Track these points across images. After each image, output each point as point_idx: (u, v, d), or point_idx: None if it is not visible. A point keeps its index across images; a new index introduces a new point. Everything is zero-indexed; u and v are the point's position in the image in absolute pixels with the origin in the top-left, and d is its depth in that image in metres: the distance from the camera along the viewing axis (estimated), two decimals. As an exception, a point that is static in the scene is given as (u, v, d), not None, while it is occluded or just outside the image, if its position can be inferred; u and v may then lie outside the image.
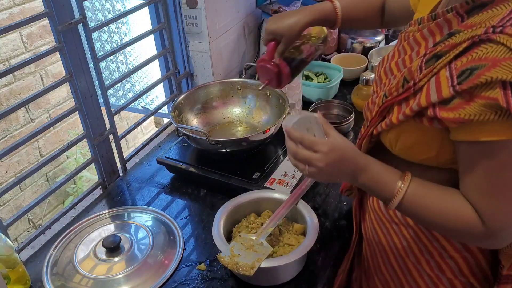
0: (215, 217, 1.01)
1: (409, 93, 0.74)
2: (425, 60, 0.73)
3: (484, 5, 0.70)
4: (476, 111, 0.63)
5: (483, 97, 0.63)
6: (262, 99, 1.42)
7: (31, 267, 1.06)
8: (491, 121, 0.63)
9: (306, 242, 0.94)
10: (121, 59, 1.67)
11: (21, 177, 1.07)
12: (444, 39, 0.71)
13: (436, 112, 0.68)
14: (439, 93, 0.67)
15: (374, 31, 1.92)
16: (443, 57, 0.70)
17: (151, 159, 1.41)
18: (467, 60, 0.66)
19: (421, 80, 0.72)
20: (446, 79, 0.67)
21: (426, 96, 0.70)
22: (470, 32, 0.67)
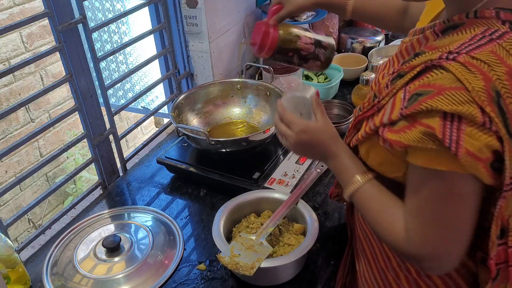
0: (215, 217, 1.01)
1: (374, 110, 0.75)
2: (392, 78, 0.73)
3: (455, 26, 0.69)
4: (415, 137, 0.63)
5: (423, 124, 0.63)
6: (262, 99, 1.42)
7: (31, 267, 1.06)
8: (429, 149, 0.63)
9: (306, 242, 0.94)
10: (121, 59, 1.67)
11: (21, 177, 1.07)
12: (410, 59, 0.71)
13: (384, 132, 0.69)
14: (390, 114, 0.68)
15: (374, 31, 1.93)
16: (402, 78, 0.70)
17: (151, 159, 1.41)
18: (418, 84, 0.65)
19: (383, 99, 0.73)
20: (400, 101, 0.67)
21: (381, 116, 0.71)
22: (428, 55, 0.67)
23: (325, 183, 1.25)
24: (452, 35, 0.69)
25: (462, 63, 0.62)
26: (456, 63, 0.62)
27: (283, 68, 1.42)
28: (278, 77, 1.43)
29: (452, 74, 0.62)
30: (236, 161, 1.26)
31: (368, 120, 0.77)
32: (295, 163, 1.24)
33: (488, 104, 0.60)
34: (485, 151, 0.60)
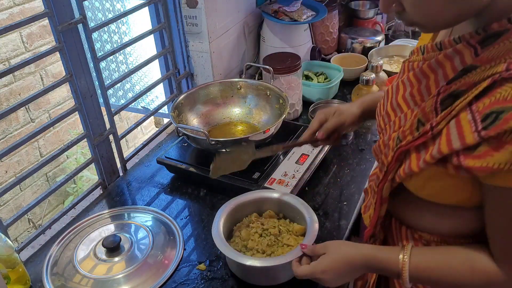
0: (215, 216, 1.01)
1: (427, 138, 0.68)
2: (439, 100, 0.67)
3: (498, 34, 0.64)
4: (506, 158, 0.58)
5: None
6: (262, 99, 1.42)
7: (31, 267, 1.06)
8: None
9: (305, 242, 0.94)
10: (121, 59, 1.67)
11: (21, 177, 1.07)
12: (459, 76, 0.66)
13: (461, 160, 0.63)
14: (462, 139, 0.62)
15: (374, 31, 1.93)
16: (461, 98, 0.64)
17: (151, 159, 1.41)
18: (490, 102, 0.60)
19: (439, 124, 0.66)
20: (469, 123, 0.62)
21: (447, 142, 0.64)
22: (489, 69, 0.62)
23: (325, 183, 1.25)
24: (503, 43, 0.63)
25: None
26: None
27: (283, 68, 1.42)
28: (278, 77, 1.43)
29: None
30: (236, 161, 1.26)
31: (419, 149, 0.70)
32: (295, 163, 1.24)
33: None
34: None
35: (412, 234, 0.82)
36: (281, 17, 1.61)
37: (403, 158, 0.74)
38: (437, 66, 0.72)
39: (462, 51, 0.68)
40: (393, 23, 2.07)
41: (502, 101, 0.59)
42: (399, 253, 0.76)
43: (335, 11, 1.84)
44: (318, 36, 1.85)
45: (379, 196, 0.81)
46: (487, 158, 0.60)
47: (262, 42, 1.72)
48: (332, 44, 1.89)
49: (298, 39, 1.68)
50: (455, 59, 0.69)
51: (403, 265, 0.75)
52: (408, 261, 0.75)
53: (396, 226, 0.86)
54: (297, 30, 1.67)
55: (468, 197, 0.69)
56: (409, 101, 0.76)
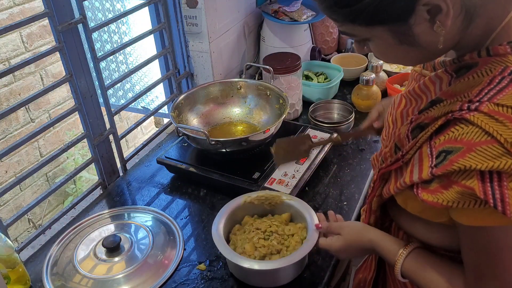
0: (216, 217, 1.01)
1: (400, 164, 0.72)
2: (411, 128, 0.70)
3: (469, 66, 0.65)
4: (454, 197, 0.60)
5: (460, 184, 0.59)
6: (262, 99, 1.42)
7: (31, 267, 1.06)
8: (471, 208, 0.59)
9: (306, 246, 0.93)
10: (121, 59, 1.67)
11: (21, 177, 1.07)
12: (427, 107, 0.68)
13: (419, 192, 0.65)
14: (420, 173, 0.65)
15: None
16: (424, 131, 0.66)
17: (151, 159, 1.41)
18: (444, 139, 0.62)
19: (408, 153, 0.70)
20: (428, 157, 0.64)
21: (410, 173, 0.68)
22: (448, 105, 0.63)
23: (325, 183, 1.25)
24: (467, 78, 0.64)
25: (487, 113, 0.58)
26: (480, 114, 0.58)
27: (283, 68, 1.42)
28: (278, 77, 1.43)
29: (478, 127, 0.58)
30: (236, 161, 1.26)
31: (397, 173, 0.74)
32: (295, 163, 1.24)
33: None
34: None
35: (408, 240, 0.83)
36: (281, 17, 1.61)
37: (387, 177, 0.78)
38: (425, 89, 0.75)
39: (442, 77, 0.71)
40: (393, 23, 2.07)
41: (453, 141, 0.60)
42: (401, 248, 0.78)
43: (335, 11, 1.83)
44: (318, 36, 1.85)
45: (369, 208, 0.87)
46: (438, 195, 0.62)
47: (262, 42, 1.72)
48: (332, 44, 1.89)
49: (298, 39, 1.68)
50: (437, 85, 0.72)
51: (398, 258, 0.78)
52: (404, 258, 0.77)
53: (395, 231, 0.88)
54: (297, 30, 1.67)
55: (447, 220, 0.69)
56: (404, 118, 0.78)
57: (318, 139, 1.31)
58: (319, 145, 1.08)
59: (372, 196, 0.84)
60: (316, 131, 1.35)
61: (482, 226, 0.61)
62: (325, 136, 1.33)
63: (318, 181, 1.25)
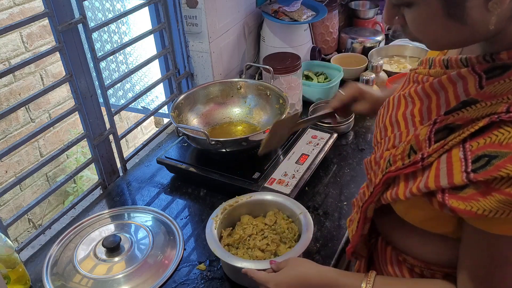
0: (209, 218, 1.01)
1: (417, 168, 0.65)
2: (435, 130, 0.64)
3: (507, 67, 0.59)
4: (492, 206, 0.55)
5: (503, 192, 0.54)
6: (262, 99, 1.42)
7: (31, 267, 1.06)
8: (505, 217, 0.55)
9: (297, 247, 0.93)
10: (121, 59, 1.67)
11: (21, 177, 1.07)
12: (458, 108, 0.62)
13: (446, 198, 0.59)
14: (450, 178, 0.59)
15: (374, 31, 1.93)
16: (456, 132, 0.60)
17: (151, 159, 1.41)
18: (485, 143, 0.57)
19: (430, 156, 0.63)
20: (460, 161, 0.58)
21: (435, 178, 0.61)
22: (489, 107, 0.58)
23: (325, 183, 1.25)
24: (508, 80, 0.58)
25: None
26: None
27: (283, 68, 1.42)
28: (278, 77, 1.43)
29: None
30: (236, 161, 1.26)
31: (408, 178, 0.67)
32: (295, 163, 1.24)
33: None
34: None
35: (397, 256, 0.79)
36: (281, 17, 1.61)
37: (391, 182, 0.71)
38: (439, 89, 0.68)
39: (467, 77, 0.64)
40: (393, 23, 2.06)
41: (497, 145, 0.55)
42: (362, 282, 0.74)
43: (335, 11, 1.84)
44: (318, 36, 1.85)
45: (363, 216, 0.78)
46: (472, 202, 0.57)
47: (262, 42, 1.72)
48: (332, 44, 1.89)
49: (298, 39, 1.68)
50: (458, 85, 0.65)
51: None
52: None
53: (382, 247, 0.83)
54: (297, 30, 1.67)
55: (452, 231, 0.67)
56: (408, 120, 0.73)
57: (318, 139, 1.31)
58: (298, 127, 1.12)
59: (369, 203, 0.76)
60: (316, 131, 1.35)
61: (506, 235, 0.58)
62: (325, 136, 1.33)
63: (318, 181, 1.25)
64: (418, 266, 0.76)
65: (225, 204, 1.05)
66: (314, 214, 1.15)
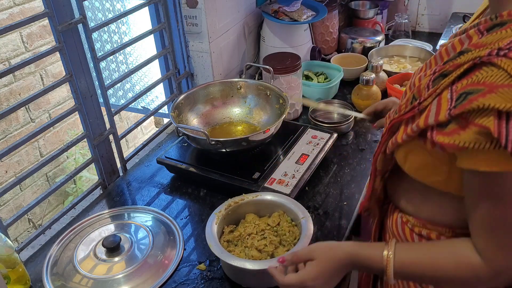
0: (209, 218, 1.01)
1: (414, 112, 0.71)
2: (433, 78, 0.70)
3: (503, 23, 0.65)
4: (470, 138, 0.60)
5: (476, 124, 0.60)
6: (262, 99, 1.42)
7: (31, 267, 1.06)
8: (487, 150, 0.60)
9: (297, 248, 0.93)
10: (121, 59, 1.67)
11: (21, 177, 1.07)
12: (453, 58, 0.68)
13: (433, 135, 0.65)
14: (437, 116, 0.65)
15: (374, 31, 1.93)
16: (447, 77, 0.67)
17: (151, 159, 1.41)
18: (467, 83, 0.63)
19: (425, 100, 0.69)
20: (447, 102, 0.64)
21: (425, 117, 0.67)
22: (476, 53, 0.64)
23: (325, 183, 1.25)
24: (500, 32, 0.65)
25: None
26: (508, 59, 0.59)
27: (283, 68, 1.42)
28: (278, 77, 1.43)
29: (504, 71, 0.59)
30: (236, 161, 1.26)
31: (408, 122, 0.73)
32: (295, 163, 1.24)
33: None
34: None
35: (401, 218, 0.85)
36: (281, 17, 1.61)
37: (395, 130, 0.77)
38: (451, 50, 0.75)
39: (472, 36, 0.70)
40: (393, 23, 2.07)
41: (476, 83, 0.61)
42: (383, 250, 0.76)
43: (335, 11, 1.84)
44: (318, 36, 1.85)
45: (373, 168, 0.85)
46: (455, 136, 0.62)
47: (262, 42, 1.72)
48: (332, 44, 1.89)
49: (298, 39, 1.68)
50: (465, 44, 0.71)
51: (387, 261, 0.75)
52: (393, 257, 0.75)
53: (391, 210, 0.89)
54: (297, 30, 1.67)
55: (445, 179, 0.71)
56: (422, 79, 0.78)
57: (318, 139, 1.31)
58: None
59: (378, 153, 0.82)
60: (316, 131, 1.35)
61: (497, 173, 0.62)
62: (325, 136, 1.33)
63: (318, 181, 1.25)
64: (417, 225, 0.82)
65: (230, 200, 1.06)
66: (314, 214, 1.15)
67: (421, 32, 2.16)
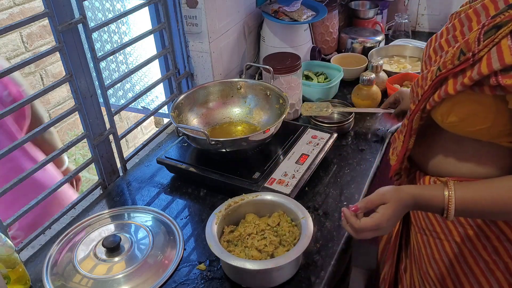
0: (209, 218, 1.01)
1: (467, 65, 0.74)
2: (483, 31, 0.72)
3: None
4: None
5: None
6: (262, 99, 1.42)
7: (31, 267, 1.06)
8: None
9: (291, 253, 0.92)
10: (121, 59, 1.67)
11: (21, 177, 1.07)
12: (503, 10, 0.71)
13: (499, 79, 0.69)
14: (502, 61, 0.68)
15: (374, 31, 1.93)
16: (504, 27, 0.69)
17: (151, 159, 1.41)
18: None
19: (481, 51, 0.72)
20: (508, 48, 0.68)
21: (487, 64, 0.70)
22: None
23: (325, 183, 1.25)
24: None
25: None
26: None
27: (283, 68, 1.42)
28: (278, 77, 1.43)
29: None
30: (236, 161, 1.26)
31: (457, 76, 0.76)
32: (295, 163, 1.24)
33: None
34: None
35: (434, 182, 0.89)
36: (281, 17, 1.61)
37: (439, 86, 0.79)
38: (481, 10, 0.77)
39: (488, 6, 0.74)
40: (393, 23, 2.07)
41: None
42: (443, 190, 0.80)
43: (335, 11, 1.84)
44: (318, 36, 1.85)
45: (409, 128, 0.88)
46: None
47: (262, 42, 1.72)
48: (332, 44, 1.89)
49: (298, 39, 1.68)
50: (500, 2, 0.74)
51: (449, 200, 0.78)
52: (454, 196, 0.78)
53: (420, 177, 0.93)
54: (297, 30, 1.67)
55: (488, 127, 0.76)
56: (451, 42, 0.81)
57: (318, 139, 1.31)
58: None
59: (416, 111, 0.85)
60: (316, 131, 1.35)
61: None
62: (325, 136, 1.33)
63: (318, 181, 1.25)
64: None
65: (230, 200, 1.06)
66: (314, 214, 1.15)
67: (421, 32, 2.16)
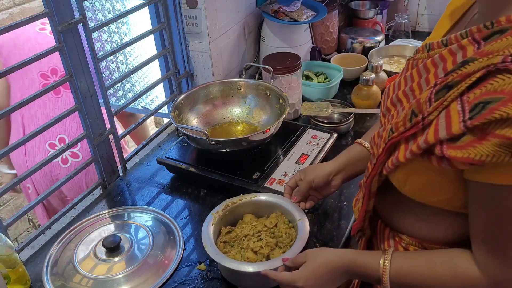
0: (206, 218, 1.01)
1: (418, 129, 0.66)
2: (435, 91, 0.65)
3: (504, 30, 0.62)
4: (488, 151, 0.56)
5: (498, 135, 0.56)
6: (262, 99, 1.42)
7: (31, 267, 1.06)
8: (506, 162, 0.56)
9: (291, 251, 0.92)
10: (121, 59, 1.67)
11: (21, 177, 1.07)
12: (456, 68, 0.64)
13: (444, 150, 0.61)
14: (449, 129, 0.60)
15: (374, 31, 1.93)
16: (454, 88, 0.62)
17: (151, 159, 1.41)
18: (481, 92, 0.59)
19: (431, 114, 0.64)
20: (457, 114, 0.60)
21: (434, 132, 0.63)
22: (485, 61, 0.60)
23: (325, 183, 1.25)
24: (505, 39, 0.61)
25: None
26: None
27: (283, 68, 1.42)
28: (278, 77, 1.43)
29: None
30: (236, 161, 1.26)
31: (409, 141, 0.68)
32: (295, 163, 1.24)
33: None
34: None
35: (393, 236, 0.83)
36: (281, 17, 1.61)
37: (393, 150, 0.72)
38: (439, 61, 0.71)
39: (466, 46, 0.66)
40: (393, 23, 2.07)
41: (492, 92, 0.57)
42: (380, 258, 0.75)
43: (335, 11, 1.84)
44: (318, 36, 1.85)
45: (367, 190, 0.81)
46: (469, 149, 0.58)
47: (262, 42, 1.72)
48: (332, 44, 1.89)
49: (298, 39, 1.68)
50: (458, 54, 0.68)
51: (384, 270, 0.74)
52: (389, 266, 0.74)
53: (381, 228, 0.86)
54: (297, 30, 1.67)
55: (450, 198, 0.68)
56: (409, 96, 0.75)
57: (318, 139, 1.31)
58: None
59: (373, 175, 0.78)
60: (316, 131, 1.35)
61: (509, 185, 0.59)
62: (325, 136, 1.33)
63: (318, 181, 1.25)
64: (412, 244, 0.80)
65: (228, 201, 1.05)
66: (314, 214, 1.15)
67: (421, 32, 2.16)
